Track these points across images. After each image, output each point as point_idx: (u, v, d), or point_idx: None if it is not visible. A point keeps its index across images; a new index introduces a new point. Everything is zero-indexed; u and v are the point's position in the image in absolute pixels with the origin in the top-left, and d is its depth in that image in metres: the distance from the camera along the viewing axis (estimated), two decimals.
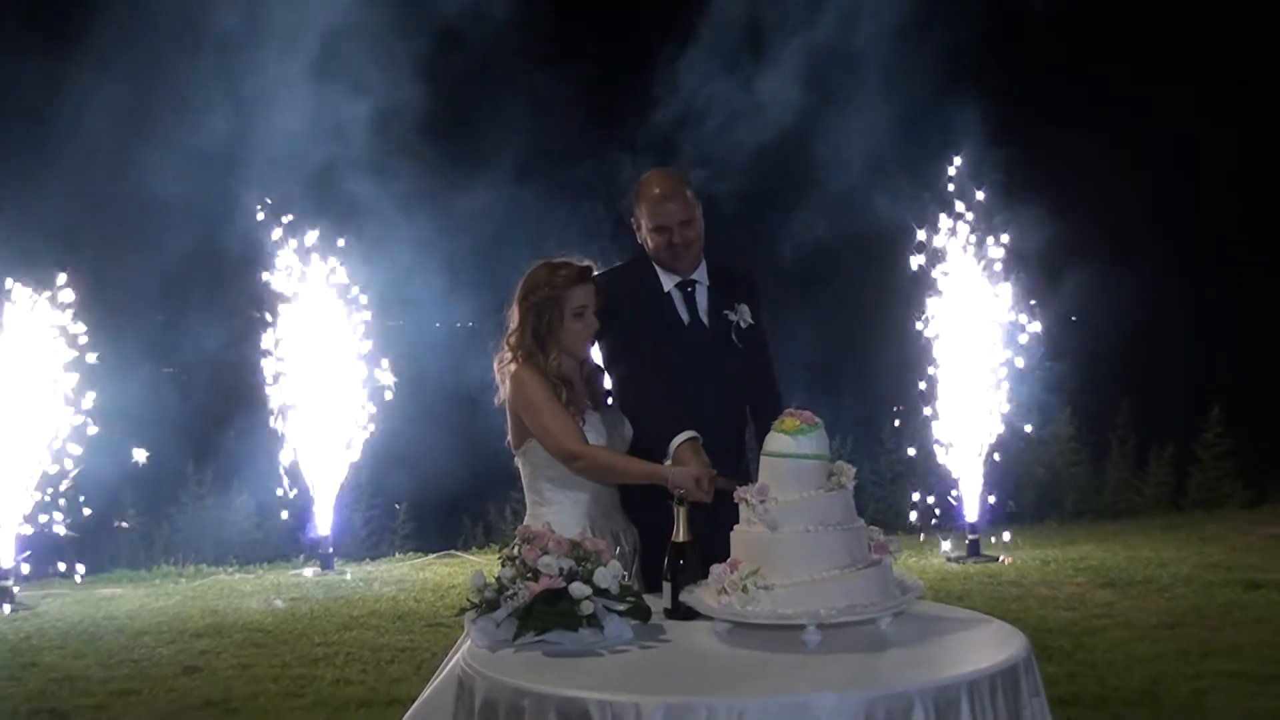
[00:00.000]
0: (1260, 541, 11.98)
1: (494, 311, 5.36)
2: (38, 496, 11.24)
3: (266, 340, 12.52)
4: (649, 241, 5.31)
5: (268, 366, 12.53)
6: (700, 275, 5.32)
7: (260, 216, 12.57)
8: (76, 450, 11.37)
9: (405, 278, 13.34)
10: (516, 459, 5.18)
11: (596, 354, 5.31)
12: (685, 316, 5.28)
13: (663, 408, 5.02)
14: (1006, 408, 12.22)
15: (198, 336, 12.73)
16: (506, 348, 5.15)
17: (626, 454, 5.09)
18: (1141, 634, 8.90)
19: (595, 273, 5.23)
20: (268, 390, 12.54)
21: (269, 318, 12.53)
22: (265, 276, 12.56)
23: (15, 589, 10.98)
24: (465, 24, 12.88)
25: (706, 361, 5.24)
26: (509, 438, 5.18)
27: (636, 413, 5.13)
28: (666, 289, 5.29)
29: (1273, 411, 13.87)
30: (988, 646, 3.99)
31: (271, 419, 12.52)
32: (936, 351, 12.20)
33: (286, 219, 12.59)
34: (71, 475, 11.34)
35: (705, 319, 5.29)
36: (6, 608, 10.69)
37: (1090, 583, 10.53)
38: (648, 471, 4.90)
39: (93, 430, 11.44)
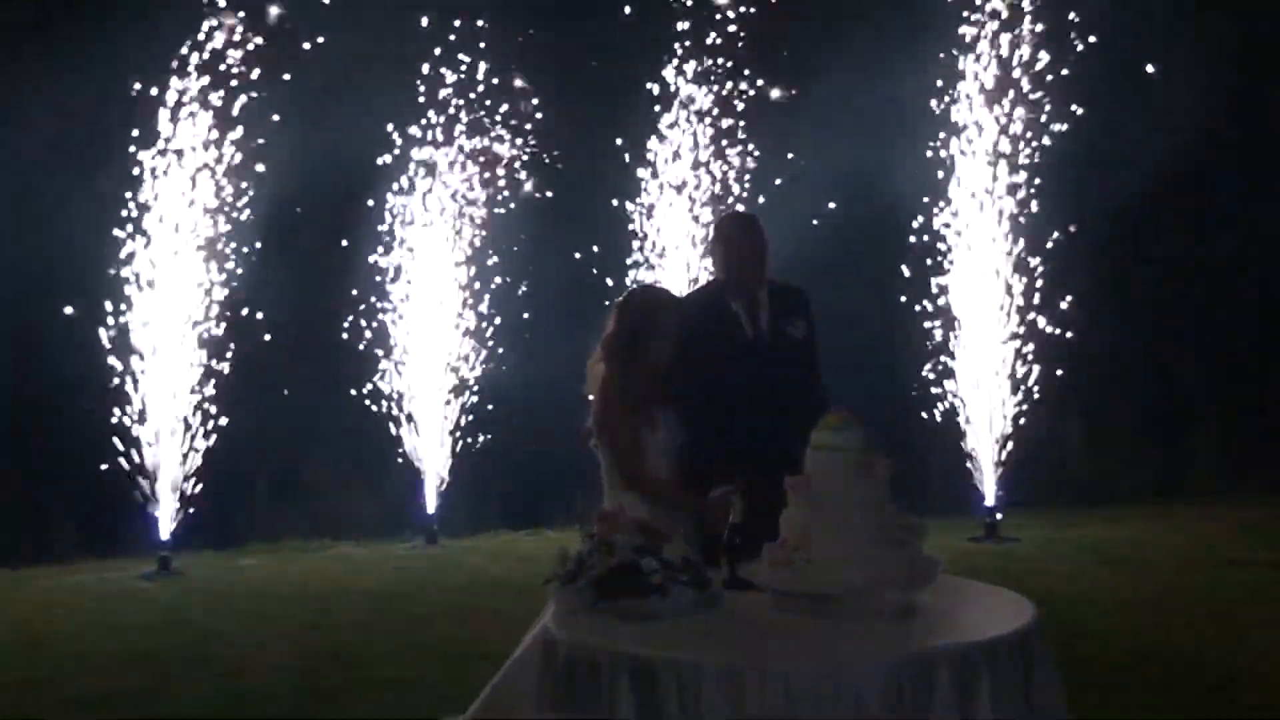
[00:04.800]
0: (1239, 526, 11.78)
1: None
2: (185, 478, 11.35)
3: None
4: (721, 271, 5.48)
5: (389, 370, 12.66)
6: (761, 296, 5.40)
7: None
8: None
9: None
10: (595, 446, 5.17)
11: None
12: (750, 330, 5.35)
13: (713, 425, 5.13)
14: (1019, 408, 12.15)
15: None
16: (600, 349, 5.18)
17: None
18: (1134, 604, 8.82)
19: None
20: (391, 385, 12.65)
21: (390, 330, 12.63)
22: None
23: (171, 559, 11.07)
24: None
25: (768, 367, 5.29)
26: (589, 423, 5.18)
27: (695, 424, 5.16)
28: (734, 308, 5.36)
29: (1252, 411, 13.66)
30: (1002, 615, 3.96)
31: (386, 405, 12.64)
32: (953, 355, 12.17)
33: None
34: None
35: (766, 333, 5.37)
36: (164, 575, 10.80)
37: (1090, 560, 10.40)
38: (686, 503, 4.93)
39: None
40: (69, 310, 11.32)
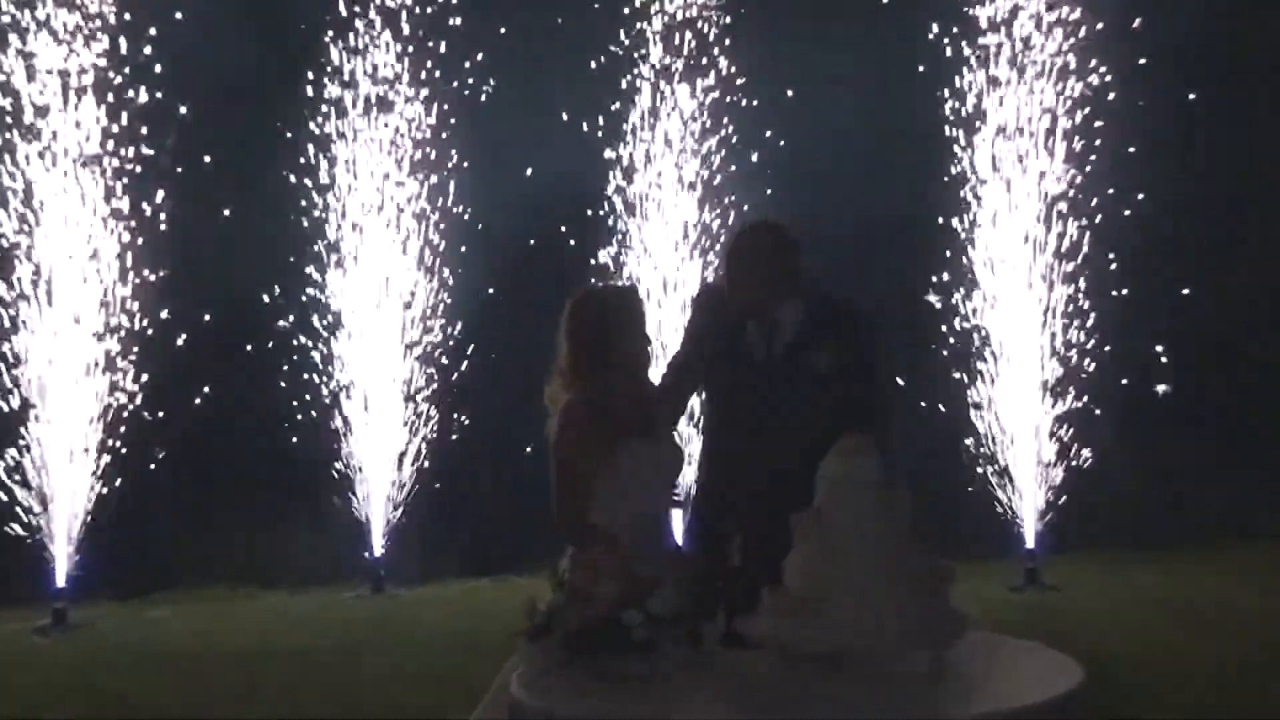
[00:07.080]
0: None
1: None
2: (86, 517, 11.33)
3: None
4: (729, 290, 5.29)
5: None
6: (785, 313, 5.16)
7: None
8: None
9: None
10: None
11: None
12: (760, 353, 5.16)
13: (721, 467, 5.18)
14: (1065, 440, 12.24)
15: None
16: (556, 375, 5.06)
17: (665, 484, 5.05)
18: (1199, 664, 8.78)
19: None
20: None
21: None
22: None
23: (68, 611, 11.02)
24: None
25: (775, 398, 5.11)
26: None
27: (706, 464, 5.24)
28: (748, 323, 5.19)
29: None
30: (1044, 677, 3.92)
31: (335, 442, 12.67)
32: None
33: None
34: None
35: (779, 358, 5.15)
36: (60, 630, 10.75)
37: (1146, 613, 10.41)
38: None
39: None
40: None
